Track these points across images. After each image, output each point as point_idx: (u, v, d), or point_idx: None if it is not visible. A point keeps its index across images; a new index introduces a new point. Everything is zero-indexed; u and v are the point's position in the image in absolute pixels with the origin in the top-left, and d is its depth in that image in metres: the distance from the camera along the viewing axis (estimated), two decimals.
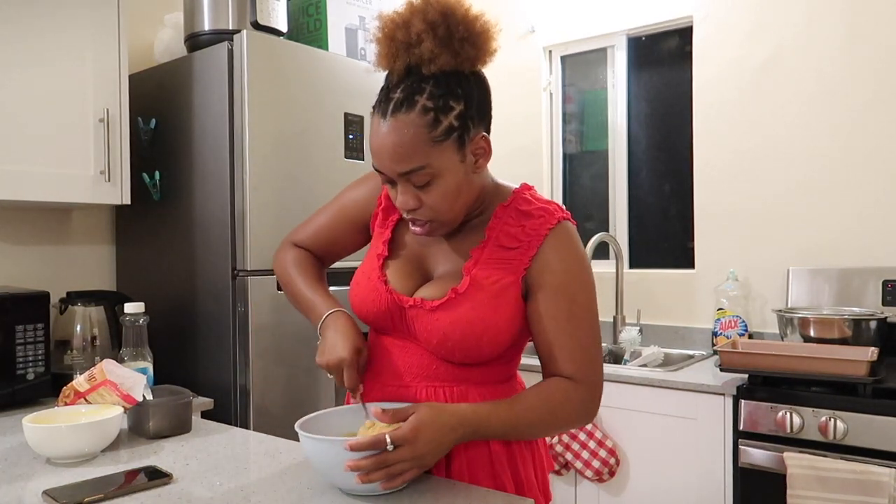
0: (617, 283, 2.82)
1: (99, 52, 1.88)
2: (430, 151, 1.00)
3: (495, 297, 1.07)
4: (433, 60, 0.99)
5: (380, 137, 1.01)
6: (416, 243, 1.18)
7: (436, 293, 1.10)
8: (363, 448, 0.92)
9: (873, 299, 2.30)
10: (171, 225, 2.06)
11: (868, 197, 2.39)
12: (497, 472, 1.11)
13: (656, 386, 2.17)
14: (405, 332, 1.14)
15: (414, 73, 1.01)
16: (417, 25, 0.99)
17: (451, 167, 1.03)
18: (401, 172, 1.02)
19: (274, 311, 1.89)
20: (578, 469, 2.26)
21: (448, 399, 1.11)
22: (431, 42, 0.98)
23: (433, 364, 1.12)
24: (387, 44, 1.02)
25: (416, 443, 0.94)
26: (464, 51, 1.01)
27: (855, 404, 1.84)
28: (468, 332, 1.06)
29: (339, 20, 2.24)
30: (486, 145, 1.06)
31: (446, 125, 1.00)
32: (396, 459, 0.93)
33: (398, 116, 0.99)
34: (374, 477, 0.93)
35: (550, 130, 3.20)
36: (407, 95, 0.99)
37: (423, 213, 1.06)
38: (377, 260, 1.16)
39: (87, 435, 1.21)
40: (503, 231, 1.11)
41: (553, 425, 1.09)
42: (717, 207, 2.69)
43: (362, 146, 2.14)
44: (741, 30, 2.62)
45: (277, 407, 1.89)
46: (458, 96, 1.01)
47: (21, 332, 1.71)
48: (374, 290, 1.13)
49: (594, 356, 1.10)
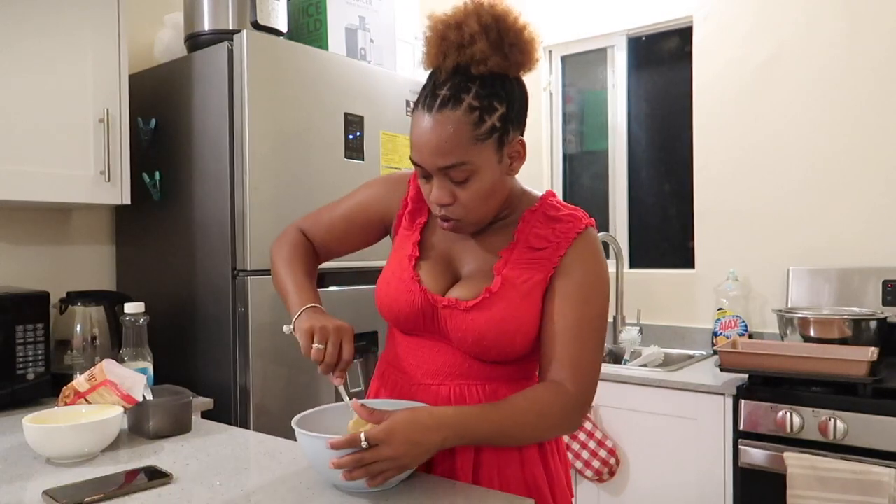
0: (617, 283, 2.82)
1: (99, 53, 1.88)
2: (472, 149, 1.02)
3: (526, 295, 1.09)
4: (484, 61, 1.02)
5: (423, 131, 1.03)
6: (443, 244, 1.19)
7: (468, 293, 1.11)
8: (340, 446, 0.94)
9: (873, 299, 2.31)
10: (171, 225, 2.06)
11: (868, 197, 2.39)
12: (529, 472, 1.12)
13: (656, 386, 2.18)
14: (435, 332, 1.14)
15: (462, 72, 1.03)
16: (472, 26, 1.02)
17: (489, 166, 1.05)
18: (441, 167, 1.04)
19: (274, 311, 1.89)
20: (578, 469, 2.26)
21: (480, 396, 1.12)
22: (484, 43, 1.01)
23: (465, 363, 1.13)
24: (438, 42, 1.04)
25: (391, 443, 0.94)
26: (513, 55, 1.03)
27: (855, 404, 1.84)
28: (503, 330, 1.08)
29: (339, 20, 2.24)
30: (522, 149, 1.09)
31: (489, 125, 1.02)
32: (372, 458, 0.94)
33: (444, 112, 1.01)
34: (356, 475, 0.95)
35: (550, 130, 3.20)
36: (454, 93, 1.02)
37: (454, 210, 1.08)
38: (408, 261, 1.17)
39: (87, 435, 1.21)
40: (532, 233, 1.13)
41: (539, 429, 1.08)
42: (717, 207, 2.69)
43: (362, 146, 2.14)
44: (741, 30, 2.62)
45: (277, 407, 1.89)
46: (501, 98, 1.03)
47: (21, 332, 1.70)
48: (407, 290, 1.14)
49: (593, 366, 1.10)
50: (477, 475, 1.11)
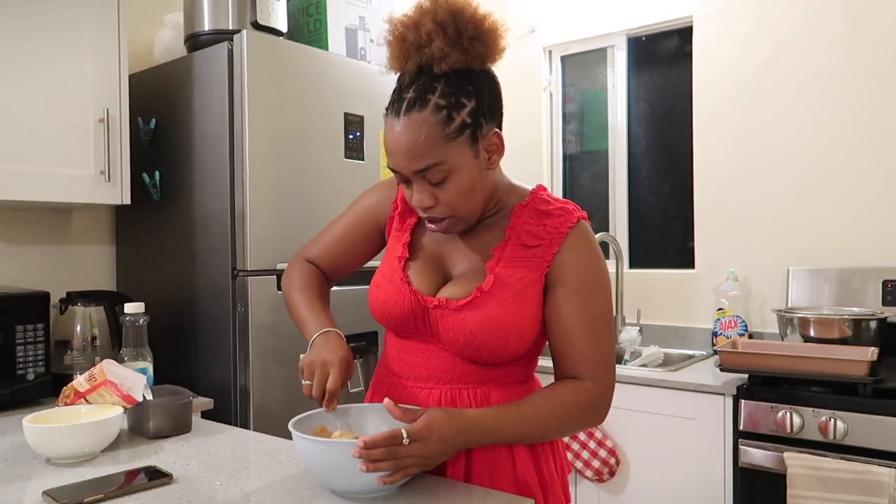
0: (617, 283, 2.82)
1: (99, 53, 1.88)
2: (444, 148, 1.01)
3: (520, 294, 1.08)
4: (444, 59, 1.01)
5: (394, 137, 1.03)
6: (433, 244, 1.18)
7: (459, 292, 1.10)
8: (379, 444, 0.93)
9: (873, 299, 2.30)
10: (171, 225, 2.06)
11: (868, 197, 2.39)
12: (520, 473, 1.11)
13: (656, 386, 2.17)
14: (427, 334, 1.13)
15: (425, 72, 1.02)
16: (427, 26, 1.01)
17: (466, 163, 1.04)
18: (416, 170, 1.03)
19: (274, 311, 1.89)
20: (578, 469, 2.26)
21: (472, 400, 1.11)
22: (441, 41, 1.00)
23: (457, 366, 1.12)
24: (398, 46, 1.04)
25: (429, 440, 0.95)
26: (473, 49, 1.02)
27: (855, 404, 1.84)
28: (495, 330, 1.07)
29: (339, 20, 2.24)
30: (499, 141, 1.07)
31: (459, 122, 1.01)
32: (407, 454, 0.94)
33: (411, 115, 1.01)
34: (382, 466, 0.93)
35: (550, 130, 3.20)
36: (419, 94, 1.01)
37: (439, 211, 1.07)
38: (398, 262, 1.16)
39: (87, 435, 1.21)
40: (524, 230, 1.12)
41: (563, 427, 1.08)
42: (717, 207, 2.69)
43: (362, 146, 2.14)
44: (741, 30, 2.62)
45: (277, 407, 1.89)
46: (469, 93, 1.02)
47: (21, 332, 1.70)
48: (396, 291, 1.13)
49: (608, 357, 1.10)
50: (468, 479, 1.11)
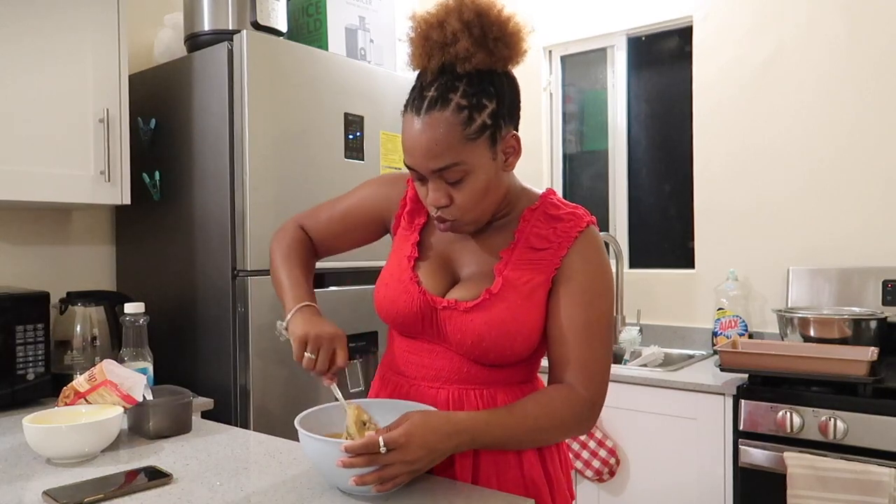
0: (617, 283, 2.82)
1: (99, 53, 1.88)
2: (464, 149, 1.01)
3: (527, 297, 1.08)
4: (468, 59, 1.00)
5: (414, 134, 1.02)
6: (442, 245, 1.18)
7: (468, 294, 1.10)
8: (357, 450, 0.92)
9: (873, 299, 2.30)
10: (171, 225, 2.06)
11: (868, 197, 2.39)
12: (528, 472, 1.11)
13: (656, 386, 2.17)
14: (434, 335, 1.13)
15: (448, 71, 1.02)
16: (453, 25, 1.00)
17: (483, 165, 1.03)
18: (434, 169, 1.02)
19: (274, 311, 1.89)
20: (578, 469, 2.26)
21: (479, 401, 1.11)
22: (467, 41, 0.99)
23: (463, 367, 1.12)
24: (421, 43, 1.03)
25: (408, 447, 0.93)
26: (498, 50, 1.02)
27: (855, 404, 1.84)
28: (503, 332, 1.06)
29: (339, 20, 2.24)
30: (517, 144, 1.07)
31: (480, 123, 1.01)
32: (388, 462, 0.93)
33: (433, 114, 1.00)
34: (367, 479, 0.93)
35: (550, 130, 3.20)
36: (441, 93, 1.00)
37: (451, 211, 1.06)
38: (407, 262, 1.16)
39: (87, 435, 1.21)
40: (532, 233, 1.11)
41: (551, 433, 1.07)
42: (717, 207, 2.69)
43: (362, 146, 2.14)
44: (741, 29, 2.62)
45: (277, 407, 1.89)
46: (491, 95, 1.02)
47: (21, 332, 1.70)
48: (405, 291, 1.13)
49: (602, 367, 1.09)
50: (476, 479, 1.10)
